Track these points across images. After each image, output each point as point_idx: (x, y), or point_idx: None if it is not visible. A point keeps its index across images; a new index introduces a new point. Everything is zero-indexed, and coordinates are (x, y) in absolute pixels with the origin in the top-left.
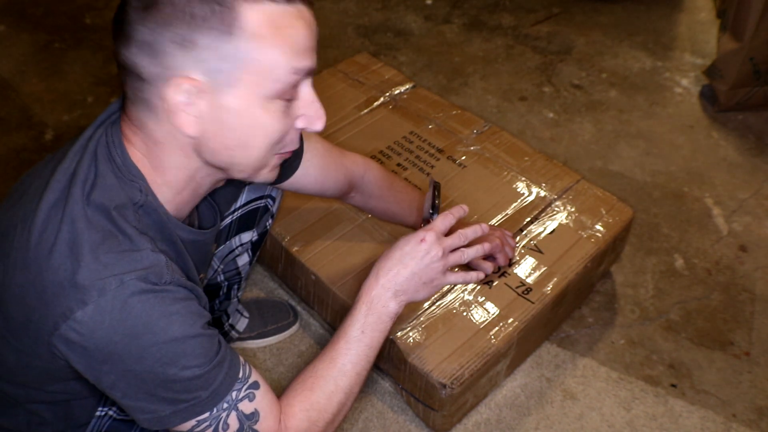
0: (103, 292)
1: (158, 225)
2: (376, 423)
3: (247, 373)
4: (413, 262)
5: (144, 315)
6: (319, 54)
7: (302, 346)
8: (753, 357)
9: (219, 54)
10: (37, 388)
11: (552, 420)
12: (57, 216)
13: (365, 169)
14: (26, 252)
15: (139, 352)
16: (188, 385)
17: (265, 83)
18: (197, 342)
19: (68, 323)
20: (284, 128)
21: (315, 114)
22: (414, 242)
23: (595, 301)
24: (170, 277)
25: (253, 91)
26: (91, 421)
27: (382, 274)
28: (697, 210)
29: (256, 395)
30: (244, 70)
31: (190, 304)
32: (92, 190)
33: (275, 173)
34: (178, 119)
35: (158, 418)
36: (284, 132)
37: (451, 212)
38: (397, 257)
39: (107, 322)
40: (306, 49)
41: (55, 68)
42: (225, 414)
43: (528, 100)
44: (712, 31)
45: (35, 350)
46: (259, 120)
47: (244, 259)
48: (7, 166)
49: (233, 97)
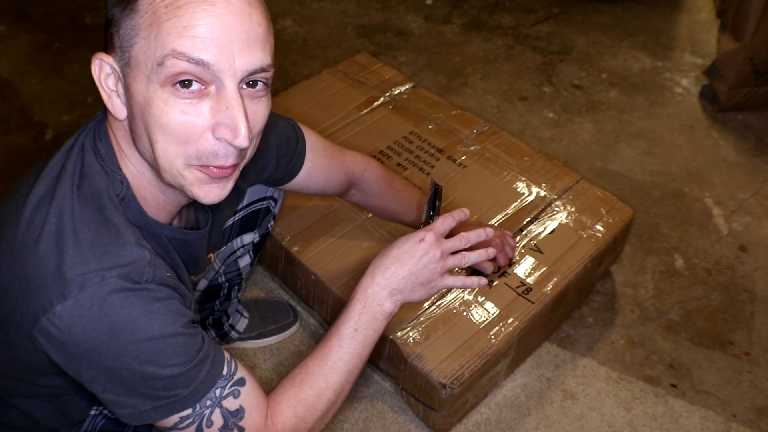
0: (83, 288)
1: (140, 219)
2: (376, 423)
3: (232, 370)
4: (411, 261)
5: (123, 313)
6: (319, 54)
7: (302, 346)
8: (753, 357)
9: (122, 32)
10: (26, 382)
11: (552, 420)
12: (44, 208)
13: (365, 168)
14: (13, 243)
15: (118, 349)
16: (168, 383)
17: (149, 63)
18: (177, 341)
19: (47, 316)
20: (184, 128)
21: (229, 122)
22: (413, 241)
23: (595, 301)
24: (152, 275)
25: (144, 75)
26: (86, 419)
27: (378, 272)
28: (697, 210)
29: (242, 392)
30: (136, 49)
31: (171, 303)
32: (80, 180)
33: (212, 190)
34: (107, 101)
35: (138, 413)
36: (185, 132)
37: (452, 214)
38: (395, 255)
39: (85, 318)
40: (202, 36)
41: (55, 68)
42: (208, 411)
43: (528, 100)
44: (712, 31)
45: (21, 342)
46: (153, 108)
47: (246, 260)
48: (7, 166)
49: (132, 80)
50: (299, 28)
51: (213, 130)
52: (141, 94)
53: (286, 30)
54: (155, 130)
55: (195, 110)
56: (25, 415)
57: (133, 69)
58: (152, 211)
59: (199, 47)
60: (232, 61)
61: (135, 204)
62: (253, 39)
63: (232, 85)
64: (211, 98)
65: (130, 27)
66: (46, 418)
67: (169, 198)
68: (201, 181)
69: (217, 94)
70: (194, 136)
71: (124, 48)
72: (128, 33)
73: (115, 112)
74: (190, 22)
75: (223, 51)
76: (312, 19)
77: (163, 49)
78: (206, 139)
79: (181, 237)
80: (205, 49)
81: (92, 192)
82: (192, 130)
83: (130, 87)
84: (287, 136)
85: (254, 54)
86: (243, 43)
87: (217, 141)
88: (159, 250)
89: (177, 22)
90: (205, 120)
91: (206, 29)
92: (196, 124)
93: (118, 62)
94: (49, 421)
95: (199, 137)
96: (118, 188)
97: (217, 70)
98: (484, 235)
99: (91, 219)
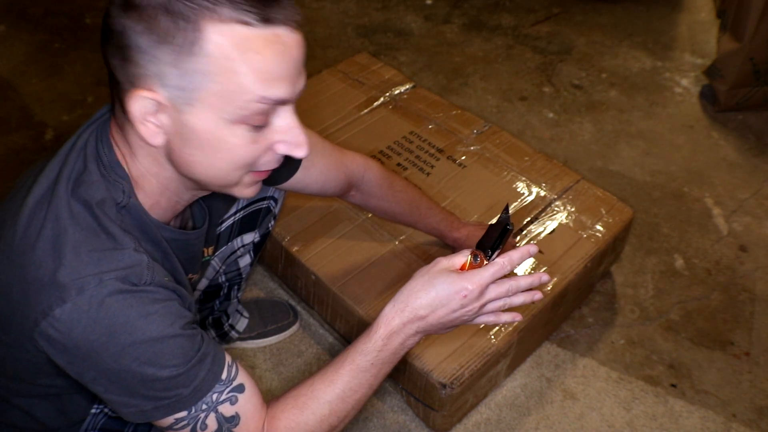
0: (81, 291)
1: (141, 226)
2: (376, 423)
3: (232, 375)
4: (445, 311)
5: (121, 315)
6: (319, 54)
7: (302, 346)
8: (753, 357)
9: (180, 72)
10: (27, 382)
11: (552, 420)
12: (42, 212)
13: (365, 168)
14: (11, 247)
15: (117, 350)
16: (168, 384)
17: (228, 108)
18: (175, 342)
19: (47, 320)
20: (253, 154)
21: (294, 141)
22: (454, 291)
23: (595, 301)
24: (150, 277)
25: (215, 114)
26: (87, 418)
27: (408, 312)
28: (697, 210)
29: (239, 399)
30: (205, 92)
31: (170, 305)
32: (78, 185)
33: (254, 189)
34: (141, 129)
35: (141, 412)
36: (253, 157)
37: (512, 260)
38: (430, 301)
39: (84, 320)
40: (279, 77)
41: (55, 68)
42: (203, 415)
43: (528, 100)
44: (712, 31)
45: (22, 344)
46: (223, 144)
47: (246, 260)
48: (7, 166)
49: (194, 117)
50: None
51: (276, 147)
52: (206, 130)
53: None
54: (222, 162)
55: (264, 137)
56: (25, 413)
57: (196, 107)
58: (157, 211)
59: (280, 86)
60: (296, 89)
61: (137, 209)
62: (304, 63)
63: (293, 107)
64: (270, 123)
65: (194, 71)
66: (46, 417)
67: (182, 198)
68: (253, 183)
69: (279, 117)
70: (263, 156)
71: (185, 88)
72: (191, 76)
73: (150, 139)
74: (269, 65)
75: (294, 84)
76: (312, 19)
77: (246, 95)
78: (268, 153)
79: (180, 237)
80: (285, 87)
81: (88, 200)
82: (260, 154)
83: (188, 122)
84: None
85: (304, 76)
86: (300, 71)
87: (276, 153)
88: (157, 255)
89: (256, 65)
90: (271, 142)
91: (283, 69)
92: (265, 148)
93: (169, 98)
94: (50, 419)
95: (263, 154)
96: (119, 197)
97: (289, 101)
98: (528, 255)
99: (88, 225)
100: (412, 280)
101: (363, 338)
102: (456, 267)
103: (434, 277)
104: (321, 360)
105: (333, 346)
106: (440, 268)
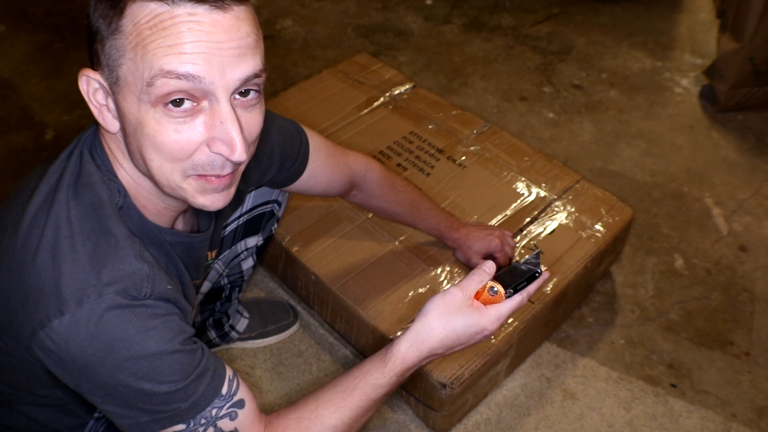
0: (80, 304)
1: (142, 227)
2: (376, 423)
3: (233, 390)
4: (463, 346)
5: (120, 330)
6: (319, 54)
7: (302, 346)
8: (753, 357)
9: (106, 51)
10: (27, 391)
11: (552, 420)
12: (42, 219)
13: (367, 168)
14: (12, 255)
15: (114, 365)
16: (165, 398)
17: (139, 85)
18: (174, 358)
19: (45, 330)
20: (179, 146)
21: (223, 137)
22: (474, 332)
23: (595, 301)
24: (150, 289)
25: (134, 95)
26: (89, 422)
27: (426, 351)
28: (697, 210)
29: (239, 414)
30: (123, 70)
31: (170, 320)
32: (78, 190)
33: (212, 199)
34: (95, 112)
35: (137, 424)
36: (181, 150)
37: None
38: (450, 342)
39: (82, 334)
40: (189, 53)
41: (55, 68)
42: (202, 429)
43: (528, 100)
44: (712, 31)
45: (19, 353)
46: (146, 128)
47: (249, 263)
48: (7, 166)
49: (122, 98)
50: (299, 28)
51: (209, 145)
52: (132, 114)
53: (286, 30)
54: (149, 149)
55: (189, 128)
56: (28, 418)
57: (122, 88)
58: (153, 217)
59: (186, 62)
60: (223, 74)
61: (135, 212)
62: (243, 50)
63: (225, 98)
64: (204, 113)
65: (116, 48)
66: (50, 421)
67: (169, 204)
68: (203, 190)
69: (210, 109)
70: (189, 152)
71: (111, 67)
72: (114, 53)
73: (107, 126)
74: (177, 40)
75: (212, 64)
76: (312, 19)
77: (151, 70)
78: (202, 151)
79: (184, 241)
80: (192, 62)
81: (92, 202)
82: (187, 147)
83: (121, 105)
84: (291, 137)
85: (245, 63)
86: (233, 57)
87: (212, 153)
88: (162, 259)
89: (163, 42)
90: (200, 136)
91: (193, 45)
92: (191, 141)
93: (106, 79)
94: (54, 423)
95: (194, 152)
96: (116, 197)
97: (208, 83)
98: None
99: (91, 230)
100: (428, 316)
101: (375, 370)
102: (471, 295)
103: (452, 316)
104: (321, 360)
105: (333, 346)
106: (458, 304)
